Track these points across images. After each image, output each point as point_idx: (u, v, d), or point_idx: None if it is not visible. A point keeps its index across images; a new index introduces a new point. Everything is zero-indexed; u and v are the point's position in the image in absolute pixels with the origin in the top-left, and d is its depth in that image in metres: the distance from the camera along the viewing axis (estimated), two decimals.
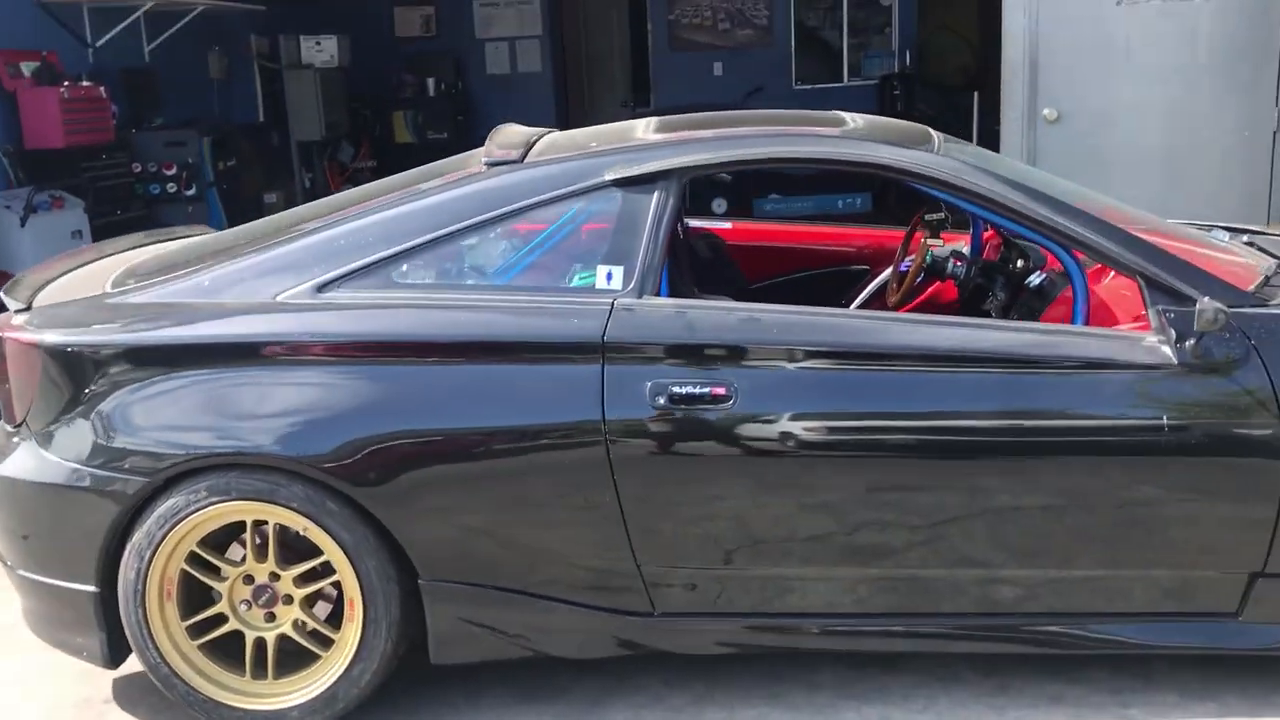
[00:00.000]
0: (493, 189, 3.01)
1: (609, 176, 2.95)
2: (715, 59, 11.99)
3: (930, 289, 4.03)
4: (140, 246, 3.65)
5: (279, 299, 2.92)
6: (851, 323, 2.85)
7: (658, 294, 2.88)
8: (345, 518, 2.81)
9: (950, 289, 3.79)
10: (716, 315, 2.83)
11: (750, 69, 11.72)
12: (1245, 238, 3.62)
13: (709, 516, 2.82)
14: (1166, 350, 2.72)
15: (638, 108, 12.36)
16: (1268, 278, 3.01)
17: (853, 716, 2.91)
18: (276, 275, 2.97)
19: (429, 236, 2.96)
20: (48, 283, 3.26)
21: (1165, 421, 2.70)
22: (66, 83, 7.10)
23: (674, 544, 2.84)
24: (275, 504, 2.81)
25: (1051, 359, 2.75)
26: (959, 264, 3.67)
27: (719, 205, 9.62)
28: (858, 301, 4.04)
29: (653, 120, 3.44)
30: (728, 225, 4.34)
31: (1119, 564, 2.82)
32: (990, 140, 6.09)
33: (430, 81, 11.68)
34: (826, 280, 4.28)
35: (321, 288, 2.92)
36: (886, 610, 2.89)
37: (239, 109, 10.02)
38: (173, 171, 7.66)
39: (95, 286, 3.17)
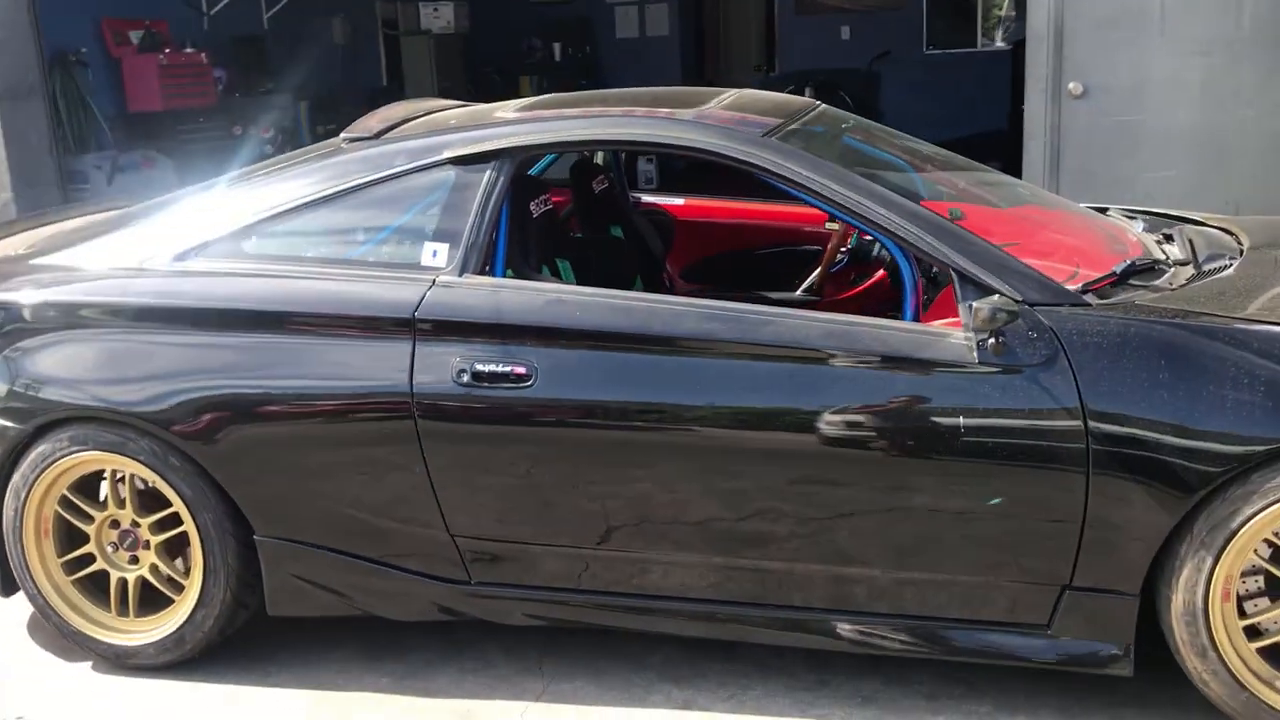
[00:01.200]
0: (343, 165, 3.13)
1: (444, 155, 3.02)
2: (843, 22, 11.72)
3: (876, 277, 3.95)
4: (83, 215, 3.92)
5: (142, 265, 3.12)
6: (647, 307, 2.82)
7: (485, 272, 2.94)
8: (186, 472, 3.00)
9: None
10: (525, 296, 2.87)
11: (879, 33, 11.39)
12: (1177, 230, 3.37)
13: (512, 493, 2.88)
14: (969, 348, 2.61)
15: (770, 73, 12.25)
16: (1122, 273, 2.82)
17: (661, 699, 2.92)
18: (147, 244, 3.18)
19: (278, 209, 3.11)
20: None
21: (961, 423, 2.60)
22: (168, 49, 7.59)
23: (481, 517, 2.92)
24: (126, 456, 3.03)
25: (844, 350, 2.67)
26: (884, 249, 3.56)
27: None
28: (801, 289, 3.99)
29: (520, 100, 3.47)
30: (680, 201, 4.33)
31: (925, 568, 2.73)
32: None
33: (557, 46, 11.87)
34: (776, 259, 4.23)
35: (179, 256, 3.11)
36: (681, 594, 2.88)
37: (364, 75, 10.43)
38: (269, 134, 8.09)
39: (15, 249, 3.45)
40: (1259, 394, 2.48)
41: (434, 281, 2.90)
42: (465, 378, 2.81)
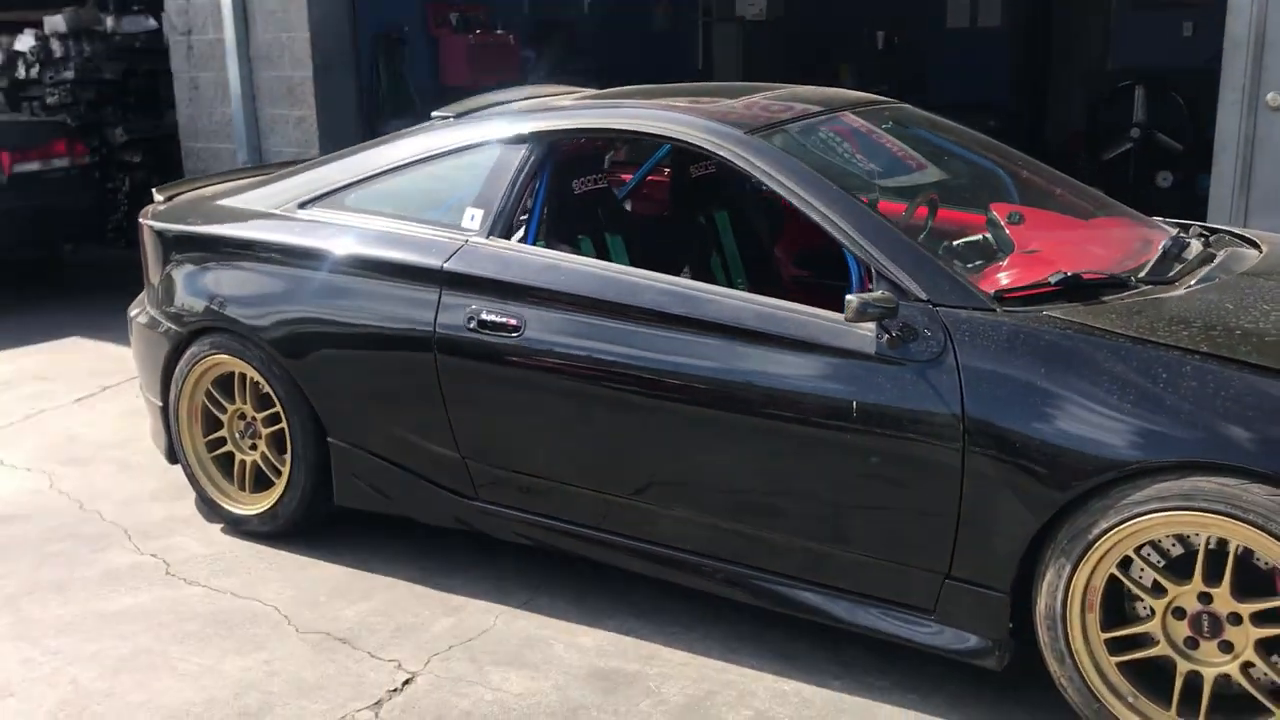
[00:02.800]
0: (426, 139, 3.72)
1: (493, 137, 3.53)
2: (1186, 18, 10.96)
3: None
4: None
5: (274, 209, 3.87)
6: (616, 279, 3.18)
7: (510, 236, 3.43)
8: (284, 380, 3.72)
9: None
10: (526, 260, 3.33)
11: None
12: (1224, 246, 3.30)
13: (503, 425, 3.36)
14: (872, 340, 2.79)
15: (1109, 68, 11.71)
16: (1069, 277, 2.85)
17: (614, 625, 3.30)
18: (288, 191, 3.92)
19: (375, 171, 3.75)
20: (196, 189, 4.46)
21: (855, 408, 2.79)
22: (479, 30, 8.56)
23: (482, 443, 3.42)
24: (246, 362, 3.80)
25: (771, 332, 2.92)
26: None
27: None
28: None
29: (588, 91, 3.89)
30: None
31: (824, 540, 2.94)
32: None
33: (880, 34, 11.94)
34: None
35: (302, 205, 3.83)
36: (634, 534, 3.24)
37: (680, 60, 11.05)
38: None
39: (210, 194, 4.32)
40: (1128, 412, 2.51)
41: (466, 241, 3.42)
42: (473, 324, 3.32)
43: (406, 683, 3.06)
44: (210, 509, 4.06)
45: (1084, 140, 10.94)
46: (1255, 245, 3.40)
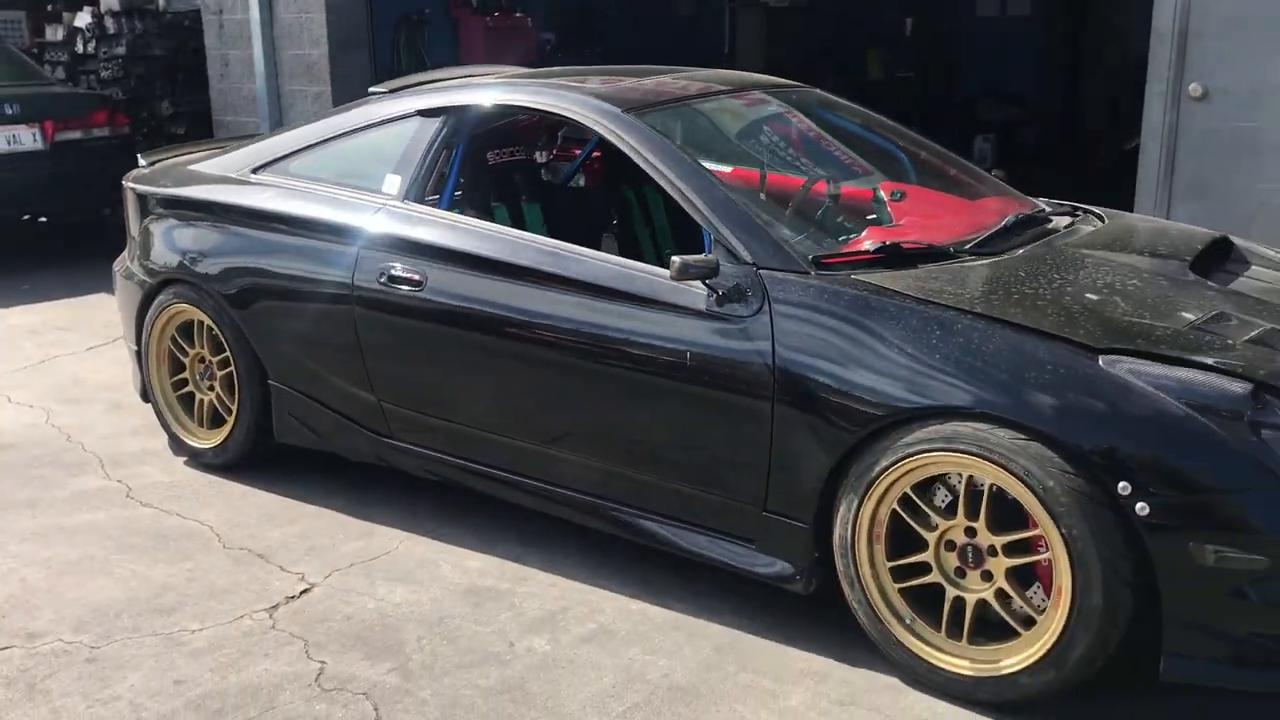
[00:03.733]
0: (361, 111, 4.12)
1: (413, 109, 3.91)
2: None
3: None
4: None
5: (230, 174, 4.29)
6: (499, 239, 3.54)
7: (428, 202, 3.81)
8: (232, 327, 4.15)
9: None
10: (429, 221, 3.70)
11: None
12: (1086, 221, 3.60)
13: (410, 371, 3.75)
14: (700, 297, 3.12)
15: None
16: (883, 246, 3.16)
17: (501, 550, 3.67)
18: (245, 158, 4.34)
19: (316, 139, 4.16)
20: (179, 156, 4.90)
21: (688, 358, 3.13)
22: (497, 13, 8.96)
23: (394, 387, 3.81)
24: (202, 310, 4.23)
25: (625, 290, 3.26)
26: None
27: None
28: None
29: (506, 70, 4.24)
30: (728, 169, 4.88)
31: (669, 477, 3.28)
32: None
33: (909, 20, 12.11)
34: None
35: (255, 170, 4.25)
36: (513, 469, 3.61)
37: (705, 44, 11.35)
38: None
39: (184, 160, 4.76)
40: (905, 363, 2.82)
41: (384, 205, 3.81)
42: (384, 279, 3.71)
43: (304, 591, 3.47)
44: (176, 444, 4.51)
45: (1104, 131, 11.03)
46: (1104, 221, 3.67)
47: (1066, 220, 3.71)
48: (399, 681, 3.00)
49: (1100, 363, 2.65)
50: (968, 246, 3.28)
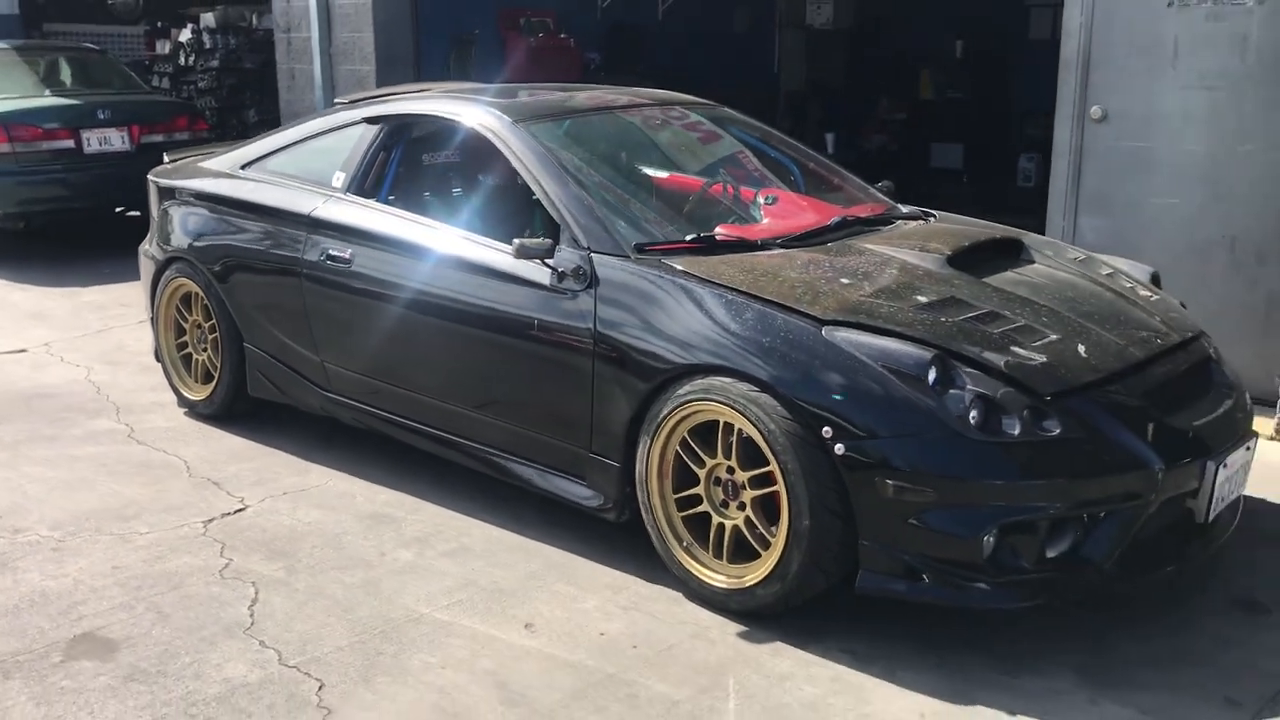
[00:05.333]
0: (327, 118, 4.89)
1: (358, 117, 4.66)
2: None
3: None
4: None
5: (223, 169, 5.11)
6: (397, 222, 4.26)
7: (364, 195, 4.54)
8: (215, 297, 4.95)
9: None
10: (357, 210, 4.43)
11: None
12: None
13: (339, 333, 4.49)
14: (546, 274, 3.77)
15: None
16: (694, 239, 3.77)
17: (398, 485, 4.38)
18: (239, 156, 5.16)
19: (291, 140, 4.94)
20: (195, 154, 5.75)
21: (535, 324, 3.78)
22: (542, 34, 9.72)
23: (329, 347, 4.55)
24: (194, 283, 5.05)
25: (487, 264, 3.93)
26: None
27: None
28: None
29: (441, 85, 4.97)
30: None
31: (526, 425, 3.92)
32: None
33: (959, 43, 12.47)
34: None
35: (244, 166, 5.05)
36: (412, 416, 4.30)
37: (754, 64, 11.93)
38: None
39: (198, 157, 5.60)
40: (684, 329, 3.43)
41: (329, 196, 4.56)
42: (324, 257, 4.46)
43: (238, 510, 4.23)
44: (178, 396, 5.34)
45: None
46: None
47: (900, 221, 4.25)
48: (283, 576, 3.72)
49: (823, 332, 3.23)
50: (778, 241, 3.86)
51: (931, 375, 3.10)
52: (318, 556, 3.85)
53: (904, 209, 4.53)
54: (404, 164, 4.67)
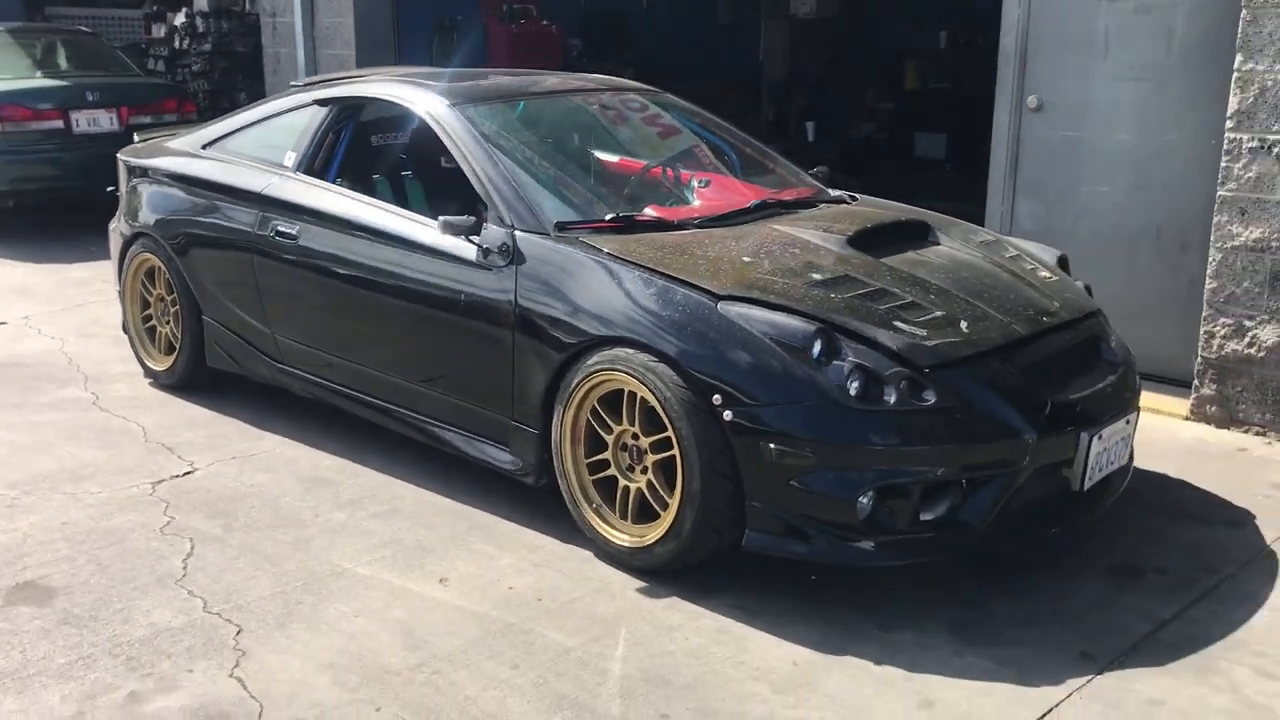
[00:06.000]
0: (282, 99, 5.09)
1: (309, 100, 4.86)
2: None
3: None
4: None
5: (185, 148, 5.32)
6: (337, 199, 4.46)
7: (317, 174, 4.74)
8: (175, 271, 5.16)
9: None
10: (304, 188, 4.63)
11: None
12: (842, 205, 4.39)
13: (287, 305, 4.69)
14: (473, 250, 3.97)
15: None
16: (613, 219, 3.96)
17: (342, 451, 4.59)
18: (202, 135, 5.36)
19: (248, 121, 5.15)
20: (163, 135, 5.96)
21: (463, 297, 3.98)
22: (523, 21, 9.90)
23: (278, 319, 4.76)
24: (157, 258, 5.26)
25: (420, 241, 4.13)
26: None
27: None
28: None
29: (386, 69, 5.16)
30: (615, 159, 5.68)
31: (456, 394, 4.13)
32: None
33: (943, 34, 12.61)
34: None
35: (205, 145, 5.26)
36: (353, 385, 4.51)
37: (739, 51, 12.09)
38: None
39: (165, 136, 5.81)
40: (594, 302, 3.62)
41: (280, 175, 4.77)
42: (273, 233, 4.66)
43: (187, 473, 4.45)
44: (143, 367, 5.56)
45: None
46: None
47: (824, 205, 4.44)
48: (220, 533, 3.94)
49: (718, 306, 3.42)
50: (696, 221, 4.05)
51: (817, 347, 3.29)
52: (255, 516, 4.07)
53: (832, 193, 4.71)
54: (352, 145, 4.86)
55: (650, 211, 4.11)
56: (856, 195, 4.73)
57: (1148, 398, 5.17)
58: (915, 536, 3.31)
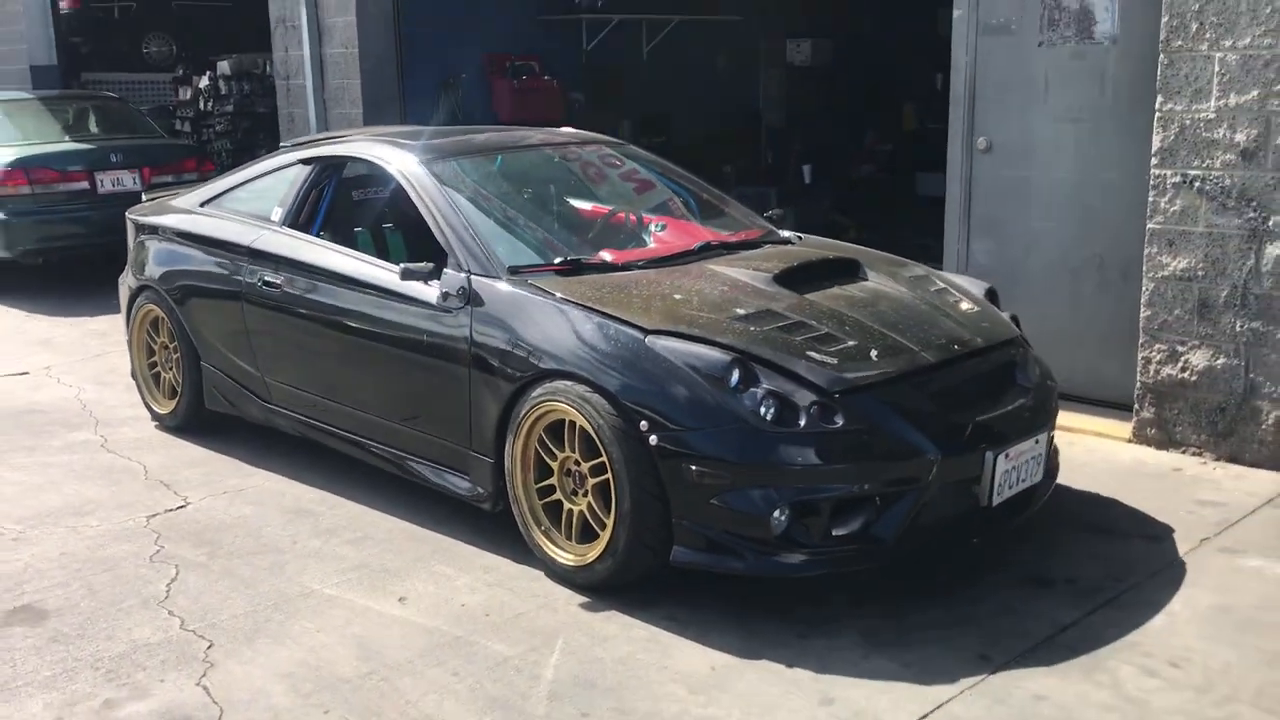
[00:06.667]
0: (274, 158, 5.48)
1: (295, 159, 5.25)
2: None
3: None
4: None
5: (185, 206, 5.72)
6: (311, 249, 4.84)
7: (302, 228, 5.10)
8: (176, 321, 5.55)
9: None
10: (288, 240, 5.00)
11: None
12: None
13: (276, 350, 5.05)
14: (433, 294, 4.30)
15: None
16: (562, 262, 4.28)
17: (316, 490, 4.91)
18: (201, 194, 5.76)
19: (242, 179, 5.54)
20: (169, 194, 6.38)
21: (425, 338, 4.31)
22: (525, 77, 10.32)
23: (267, 362, 5.11)
24: (159, 308, 5.65)
25: (385, 286, 4.47)
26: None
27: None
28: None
29: (370, 129, 5.52)
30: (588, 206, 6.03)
31: (422, 428, 4.45)
32: None
33: (939, 76, 12.93)
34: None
35: (202, 203, 5.66)
36: (331, 422, 4.85)
37: (737, 98, 12.43)
38: None
39: (169, 195, 6.22)
40: (538, 338, 3.94)
41: (266, 229, 5.14)
42: (260, 283, 5.03)
43: (180, 507, 4.79)
44: (149, 411, 5.94)
45: None
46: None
47: (769, 245, 4.74)
48: (204, 560, 4.27)
49: (646, 340, 3.73)
50: (639, 263, 4.37)
51: (735, 376, 3.58)
52: (238, 544, 4.39)
53: (783, 234, 5.01)
54: (334, 200, 5.23)
55: (602, 255, 4.43)
56: (802, 236, 5.04)
57: (1093, 421, 5.45)
58: (831, 549, 3.58)
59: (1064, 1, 5.48)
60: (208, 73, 12.49)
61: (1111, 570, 3.97)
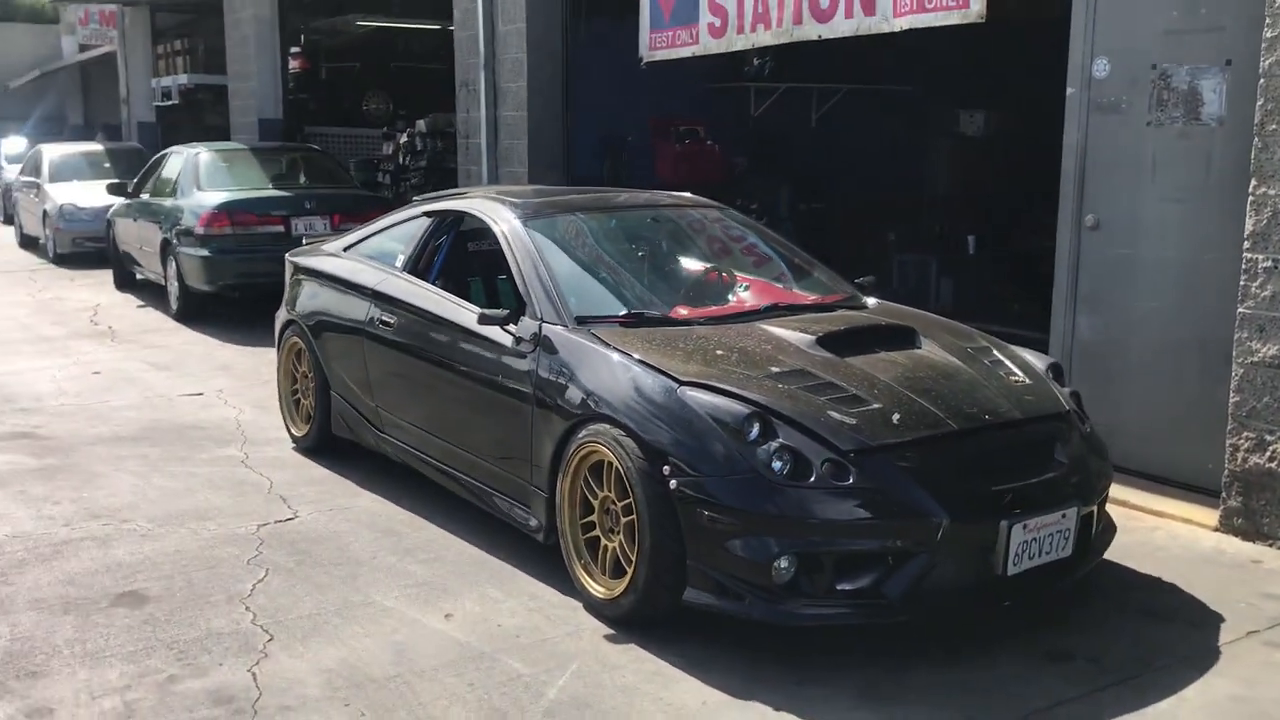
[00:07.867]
0: (403, 212, 6.02)
1: (419, 212, 5.75)
2: None
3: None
4: None
5: (331, 251, 6.31)
6: (422, 294, 5.27)
7: (416, 274, 5.59)
8: (312, 352, 6.13)
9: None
10: (402, 284, 5.48)
11: None
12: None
13: (388, 383, 5.52)
14: (510, 338, 4.67)
15: None
16: (624, 315, 4.57)
17: (406, 511, 5.32)
18: (345, 240, 6.36)
19: (378, 228, 6.10)
20: (323, 240, 7.02)
21: (501, 378, 4.68)
22: (689, 140, 10.73)
23: (380, 393, 5.60)
24: (301, 340, 6.25)
25: (469, 328, 4.87)
26: None
27: None
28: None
29: (512, 188, 5.96)
30: None
31: (494, 460, 4.80)
32: None
33: None
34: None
35: (346, 248, 6.24)
36: (426, 451, 5.26)
37: (901, 167, 12.45)
38: (754, 206, 10.77)
39: (321, 240, 6.85)
40: (590, 383, 4.24)
41: (390, 274, 5.65)
42: (378, 322, 5.53)
43: (289, 519, 5.30)
44: (289, 434, 6.54)
45: None
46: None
47: (841, 309, 4.92)
48: (292, 566, 4.73)
49: (678, 390, 3.97)
50: (701, 320, 4.62)
51: (755, 429, 3.78)
52: (325, 555, 4.84)
53: (864, 299, 5.17)
54: (451, 250, 5.71)
55: (669, 311, 4.70)
56: (881, 302, 5.17)
57: (1184, 507, 5.34)
58: (835, 603, 3.71)
59: (1173, 82, 5.45)
60: (408, 130, 13.46)
61: (1141, 653, 3.94)
